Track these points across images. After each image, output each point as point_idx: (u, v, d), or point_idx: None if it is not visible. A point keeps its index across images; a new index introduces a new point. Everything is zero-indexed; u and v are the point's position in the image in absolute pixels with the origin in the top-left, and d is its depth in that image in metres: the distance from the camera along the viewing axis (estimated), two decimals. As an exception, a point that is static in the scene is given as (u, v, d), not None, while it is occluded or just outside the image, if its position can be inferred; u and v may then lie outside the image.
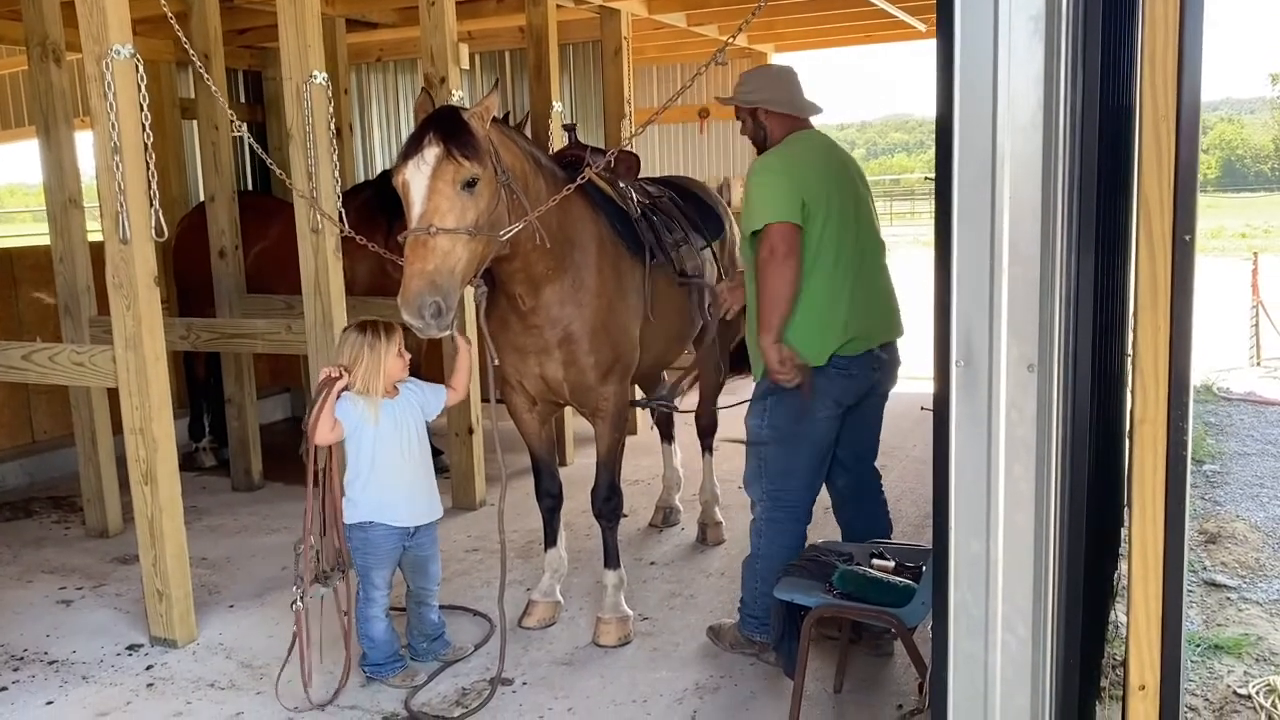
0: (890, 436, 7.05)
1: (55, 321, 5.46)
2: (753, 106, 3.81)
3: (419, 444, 3.78)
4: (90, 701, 3.77)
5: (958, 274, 1.92)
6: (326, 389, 3.57)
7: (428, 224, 3.31)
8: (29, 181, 50.41)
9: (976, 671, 2.03)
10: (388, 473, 3.69)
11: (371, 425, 3.64)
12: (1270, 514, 5.47)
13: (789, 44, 9.92)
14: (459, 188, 3.35)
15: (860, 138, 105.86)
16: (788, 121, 3.79)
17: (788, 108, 3.79)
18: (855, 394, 3.76)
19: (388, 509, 3.70)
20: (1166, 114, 1.78)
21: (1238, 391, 8.57)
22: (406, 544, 3.77)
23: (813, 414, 3.66)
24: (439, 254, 3.30)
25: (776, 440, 3.71)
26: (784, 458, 3.72)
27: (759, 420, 3.75)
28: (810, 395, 3.61)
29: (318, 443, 3.57)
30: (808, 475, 3.77)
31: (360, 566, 3.74)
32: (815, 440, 3.73)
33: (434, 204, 3.33)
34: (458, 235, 3.33)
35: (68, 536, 5.66)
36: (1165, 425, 1.84)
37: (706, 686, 3.72)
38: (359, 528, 3.70)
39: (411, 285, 3.26)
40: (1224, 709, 3.50)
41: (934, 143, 1.95)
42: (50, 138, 5.17)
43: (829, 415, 3.70)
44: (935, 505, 2.02)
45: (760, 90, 3.80)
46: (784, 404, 3.67)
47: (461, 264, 3.35)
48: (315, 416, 3.54)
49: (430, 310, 3.26)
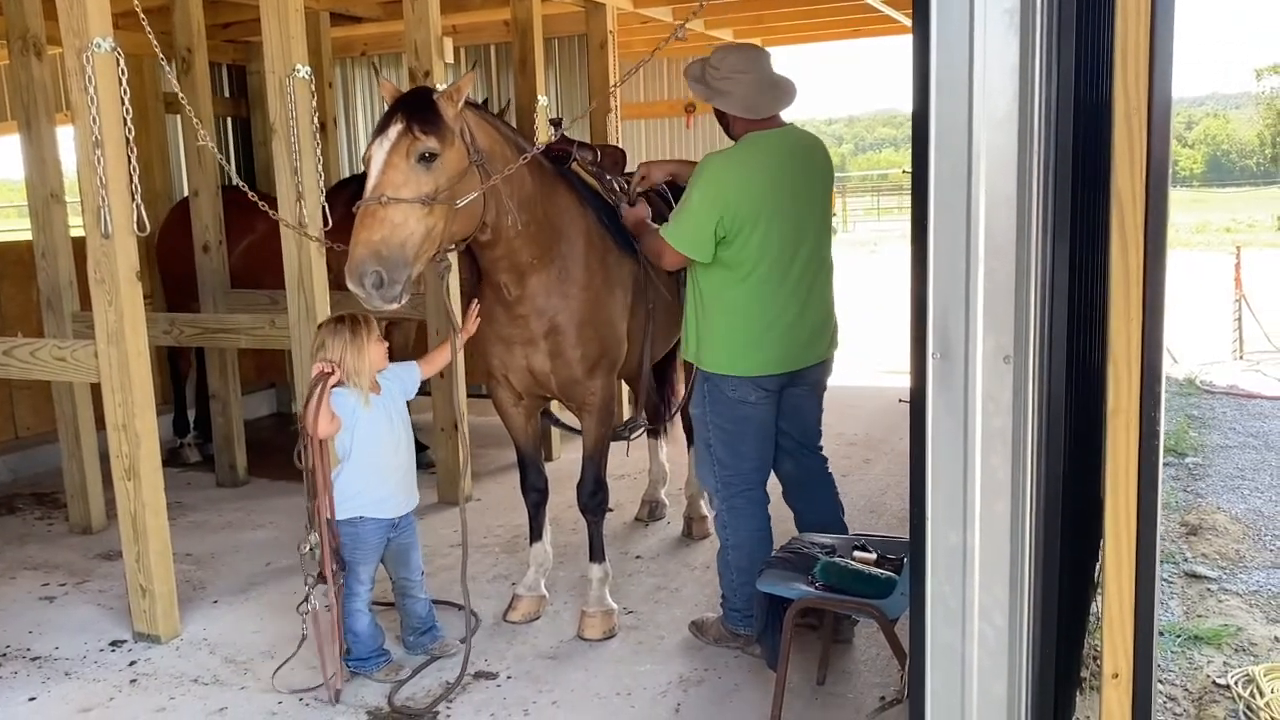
0: (874, 430, 7.17)
1: (37, 316, 5.43)
2: (710, 101, 3.69)
3: (404, 432, 3.80)
4: (73, 697, 3.76)
5: (934, 266, 1.93)
6: (321, 383, 3.58)
7: (379, 194, 3.31)
8: (10, 177, 50.07)
9: (954, 661, 2.04)
10: (378, 466, 3.70)
11: (364, 419, 3.65)
12: (1251, 506, 5.51)
13: (776, 37, 9.93)
14: (414, 160, 3.34)
15: (848, 132, 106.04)
16: (747, 121, 3.67)
17: (745, 113, 3.63)
18: (779, 385, 3.76)
19: (377, 503, 3.71)
20: (1139, 107, 1.79)
21: (1220, 385, 8.63)
22: (391, 535, 3.78)
23: (745, 399, 3.71)
24: (387, 225, 3.29)
25: (720, 425, 3.75)
26: (730, 442, 3.76)
27: (701, 409, 3.80)
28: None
29: (320, 436, 3.56)
30: (755, 456, 3.80)
31: (347, 561, 3.73)
32: (756, 420, 3.75)
33: (388, 176, 3.33)
34: (411, 206, 3.32)
35: (51, 532, 5.64)
36: (1138, 416, 1.86)
37: (690, 679, 3.74)
38: (349, 523, 3.70)
39: (356, 253, 3.26)
40: (1203, 699, 3.53)
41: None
42: (31, 132, 5.14)
43: (758, 399, 3.72)
44: (912, 496, 2.04)
45: (723, 84, 3.62)
46: (717, 390, 3.72)
47: (414, 237, 3.33)
48: (315, 411, 3.53)
49: (371, 280, 3.25)
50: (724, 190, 3.55)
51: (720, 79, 3.64)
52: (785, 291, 3.64)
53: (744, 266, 3.60)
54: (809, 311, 3.73)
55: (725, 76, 3.63)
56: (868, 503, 5.63)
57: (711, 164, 3.65)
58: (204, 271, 6.13)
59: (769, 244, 3.58)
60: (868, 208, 39.44)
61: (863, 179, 57.81)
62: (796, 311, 3.68)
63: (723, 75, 3.64)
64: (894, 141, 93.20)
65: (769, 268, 3.60)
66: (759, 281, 3.61)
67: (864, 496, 5.74)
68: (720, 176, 3.60)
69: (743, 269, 3.60)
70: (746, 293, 3.62)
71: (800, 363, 3.75)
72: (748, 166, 3.62)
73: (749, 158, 3.64)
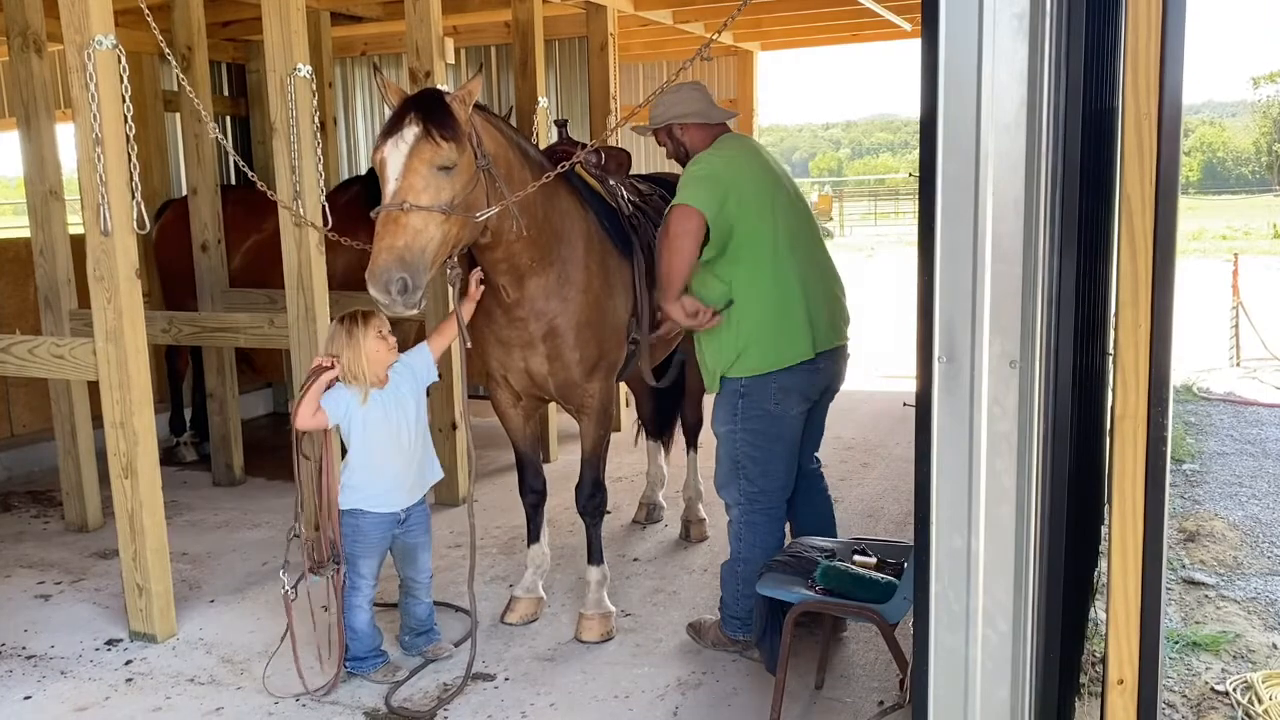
0: (872, 435, 7.17)
1: (34, 314, 5.41)
2: (668, 124, 3.85)
3: (417, 425, 3.78)
4: (69, 696, 3.74)
5: (941, 270, 1.93)
6: (314, 376, 3.60)
7: (401, 200, 3.30)
8: (8, 175, 49.98)
9: (957, 665, 2.04)
10: (378, 461, 3.69)
11: (360, 414, 3.64)
12: (1248, 512, 5.52)
13: (775, 42, 9.94)
14: (435, 168, 3.34)
15: (845, 137, 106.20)
16: (707, 131, 3.83)
17: (703, 117, 3.82)
18: (819, 389, 3.78)
19: (376, 498, 3.71)
20: (1149, 112, 1.79)
21: (1217, 392, 8.64)
22: (396, 531, 3.77)
23: (786, 413, 3.68)
24: (410, 231, 3.29)
25: (753, 444, 3.72)
26: (762, 460, 3.72)
27: (731, 425, 3.74)
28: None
29: (299, 428, 3.61)
30: (783, 476, 3.78)
31: (348, 555, 3.73)
32: (789, 438, 3.74)
33: (409, 181, 3.32)
34: (431, 214, 3.32)
35: (46, 531, 5.61)
36: (1145, 421, 1.86)
37: (689, 682, 3.73)
38: (349, 515, 3.70)
39: (380, 259, 3.25)
40: (1201, 705, 3.53)
41: (918, 142, 1.96)
42: (31, 129, 5.13)
43: (799, 412, 3.73)
44: (917, 500, 2.03)
45: (671, 107, 3.83)
46: (755, 405, 3.68)
47: (433, 244, 3.34)
48: (299, 402, 3.57)
49: (397, 286, 3.25)
50: (728, 175, 3.62)
51: (670, 106, 3.83)
52: (814, 270, 3.74)
53: (762, 247, 3.62)
54: (834, 289, 3.83)
55: (673, 103, 3.83)
56: (865, 507, 5.62)
57: (698, 164, 3.70)
58: (202, 270, 6.12)
59: (776, 218, 3.65)
60: (864, 213, 39.40)
61: (859, 184, 57.82)
62: (828, 288, 3.77)
63: (671, 104, 3.83)
64: (891, 146, 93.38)
65: (783, 243, 3.66)
66: (780, 260, 3.64)
67: (862, 501, 5.74)
68: (712, 169, 3.65)
69: (762, 250, 3.62)
70: (773, 274, 3.63)
71: (830, 342, 3.77)
72: (742, 154, 3.74)
73: (737, 149, 3.76)
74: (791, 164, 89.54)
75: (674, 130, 3.84)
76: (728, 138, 3.83)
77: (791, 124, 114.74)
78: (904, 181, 44.62)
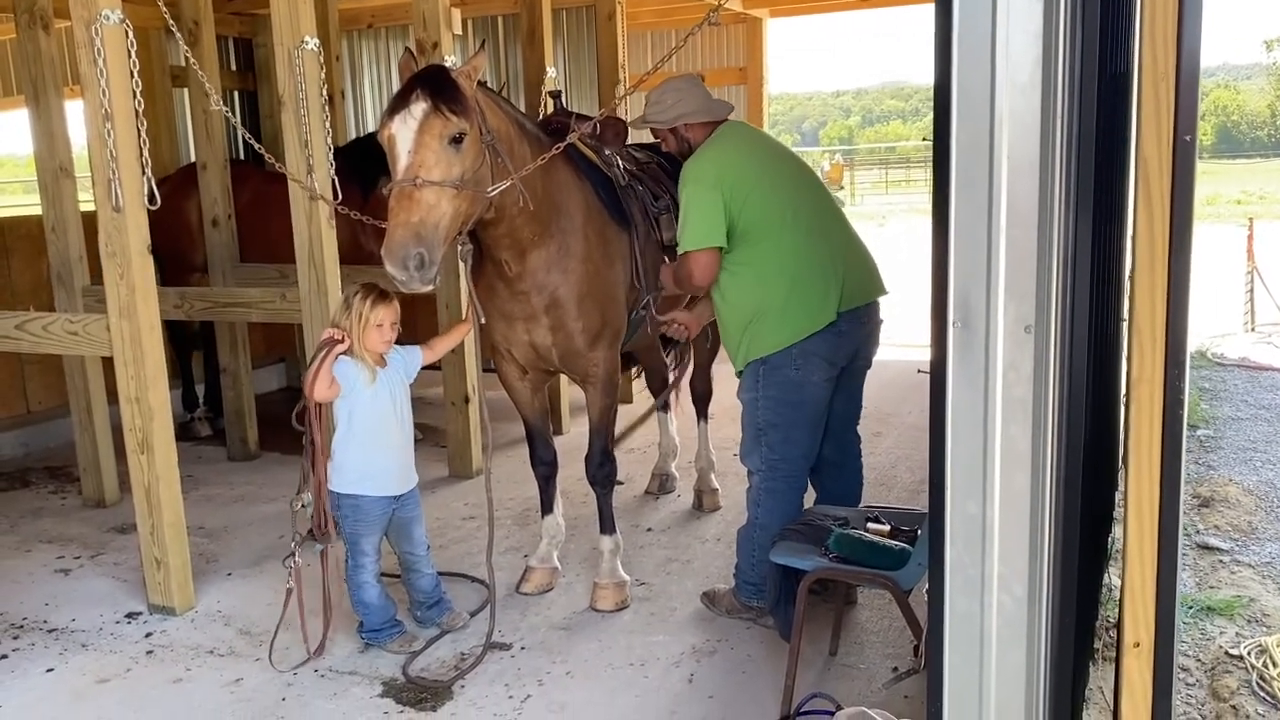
0: (885, 404, 7.15)
1: (47, 291, 5.43)
2: (672, 125, 3.88)
3: (406, 411, 3.81)
4: (90, 669, 3.79)
5: (955, 235, 1.91)
6: (326, 348, 3.59)
7: (413, 176, 3.29)
8: (18, 153, 50.02)
9: (973, 630, 2.04)
10: (378, 440, 3.71)
11: (366, 390, 3.65)
12: (1263, 478, 5.50)
13: (784, 8, 9.84)
14: (445, 142, 3.33)
15: (856, 104, 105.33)
16: (707, 127, 3.87)
17: (706, 115, 3.88)
18: (846, 354, 3.77)
19: (375, 479, 3.72)
20: (1166, 73, 1.77)
21: (1232, 357, 8.59)
22: (394, 507, 3.80)
23: (808, 379, 3.67)
24: (424, 206, 3.28)
25: (775, 410, 3.72)
26: (784, 427, 3.72)
27: (754, 393, 3.76)
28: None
29: (316, 399, 3.60)
30: (806, 443, 3.78)
31: (349, 534, 3.75)
32: (812, 407, 3.74)
33: (420, 157, 3.31)
34: (444, 189, 3.31)
35: (65, 506, 5.66)
36: (1162, 385, 1.85)
37: (703, 650, 3.75)
38: (350, 497, 3.71)
39: (396, 235, 3.25)
40: (1215, 669, 3.54)
41: (930, 109, 1.93)
42: (40, 106, 5.11)
43: (823, 379, 3.72)
44: (932, 466, 2.03)
45: (674, 106, 3.86)
46: (776, 371, 3.68)
47: (446, 219, 3.34)
48: (313, 374, 3.56)
49: (415, 262, 3.24)
50: (712, 174, 3.66)
51: (670, 105, 3.86)
52: (825, 234, 3.77)
53: (775, 221, 3.65)
54: (854, 251, 3.87)
55: (673, 102, 3.87)
56: (878, 476, 5.62)
57: (692, 165, 3.76)
58: (213, 245, 6.12)
59: (783, 193, 3.70)
60: (875, 180, 39.10)
61: (870, 151, 57.42)
62: (844, 251, 3.80)
63: (670, 102, 3.87)
64: (902, 114, 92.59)
65: (807, 216, 3.72)
66: (792, 232, 3.67)
67: (875, 469, 5.73)
68: (703, 169, 3.70)
69: (776, 223, 3.65)
70: (793, 243, 3.66)
71: (867, 295, 3.82)
72: (723, 148, 3.79)
73: (720, 143, 3.82)
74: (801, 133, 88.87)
75: (678, 128, 3.90)
76: (725, 128, 3.88)
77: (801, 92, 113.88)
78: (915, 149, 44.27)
